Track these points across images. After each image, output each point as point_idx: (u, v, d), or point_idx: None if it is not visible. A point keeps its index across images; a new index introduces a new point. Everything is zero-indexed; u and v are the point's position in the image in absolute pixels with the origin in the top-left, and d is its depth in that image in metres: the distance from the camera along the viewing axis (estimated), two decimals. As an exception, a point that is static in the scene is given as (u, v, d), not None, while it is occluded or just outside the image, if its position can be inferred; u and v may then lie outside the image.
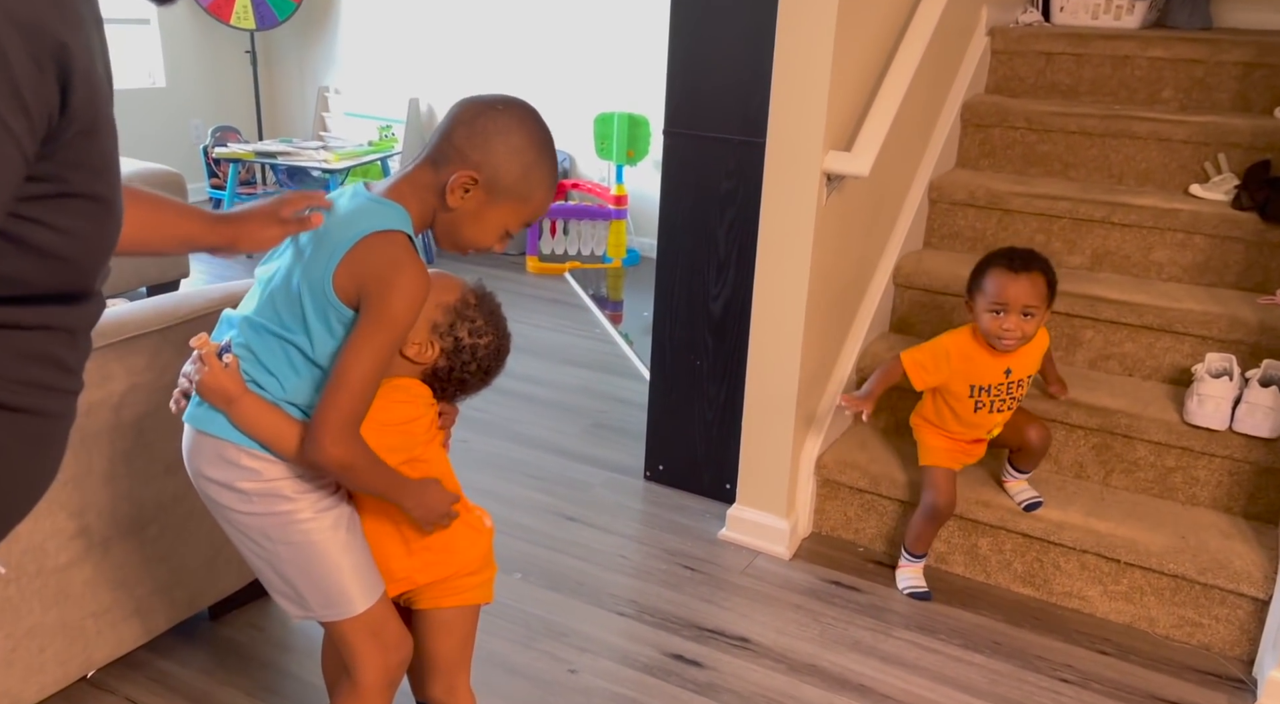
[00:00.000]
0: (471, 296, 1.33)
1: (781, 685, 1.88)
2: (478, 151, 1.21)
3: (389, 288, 1.15)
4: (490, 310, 1.36)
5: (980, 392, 2.07)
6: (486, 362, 1.36)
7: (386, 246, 1.17)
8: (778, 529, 2.31)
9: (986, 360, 2.06)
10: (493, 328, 1.36)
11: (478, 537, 1.41)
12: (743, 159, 2.29)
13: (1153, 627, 2.07)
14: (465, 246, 1.28)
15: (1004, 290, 1.98)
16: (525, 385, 3.25)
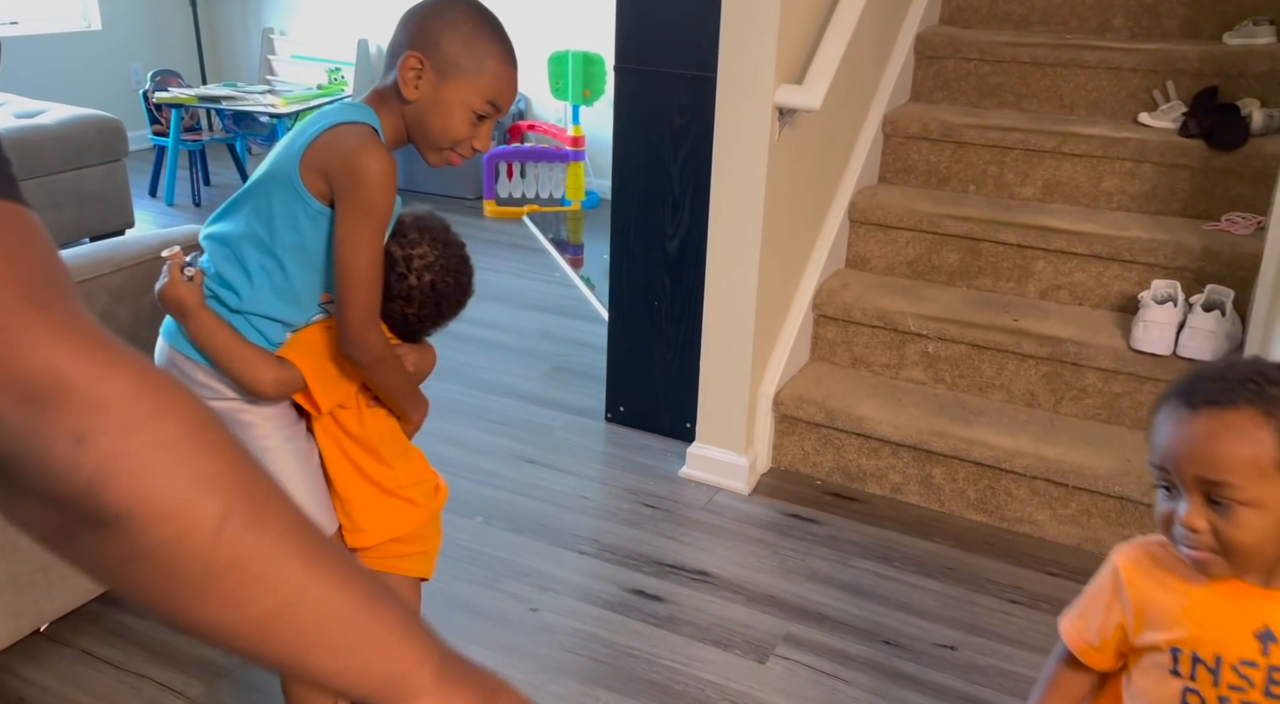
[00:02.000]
0: (405, 216, 1.32)
1: (740, 616, 1.92)
2: (417, 36, 1.21)
3: (358, 175, 1.16)
4: (425, 226, 1.34)
5: (1198, 667, 0.96)
6: (429, 277, 1.31)
7: (349, 136, 1.18)
8: (737, 465, 2.34)
9: (1214, 605, 0.95)
10: (429, 241, 1.33)
11: (416, 512, 1.37)
12: (695, 94, 2.26)
13: (1099, 547, 2.14)
14: (441, 143, 1.24)
15: (1172, 445, 0.92)
16: (485, 331, 3.24)
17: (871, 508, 2.30)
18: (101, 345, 0.42)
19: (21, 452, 0.40)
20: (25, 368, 0.40)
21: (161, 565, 0.42)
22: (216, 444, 0.44)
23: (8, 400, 0.40)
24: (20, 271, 0.41)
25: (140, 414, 0.42)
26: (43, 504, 0.41)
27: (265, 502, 0.45)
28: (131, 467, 0.41)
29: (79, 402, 0.40)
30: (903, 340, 2.42)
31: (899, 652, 1.83)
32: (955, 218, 2.49)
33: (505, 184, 4.68)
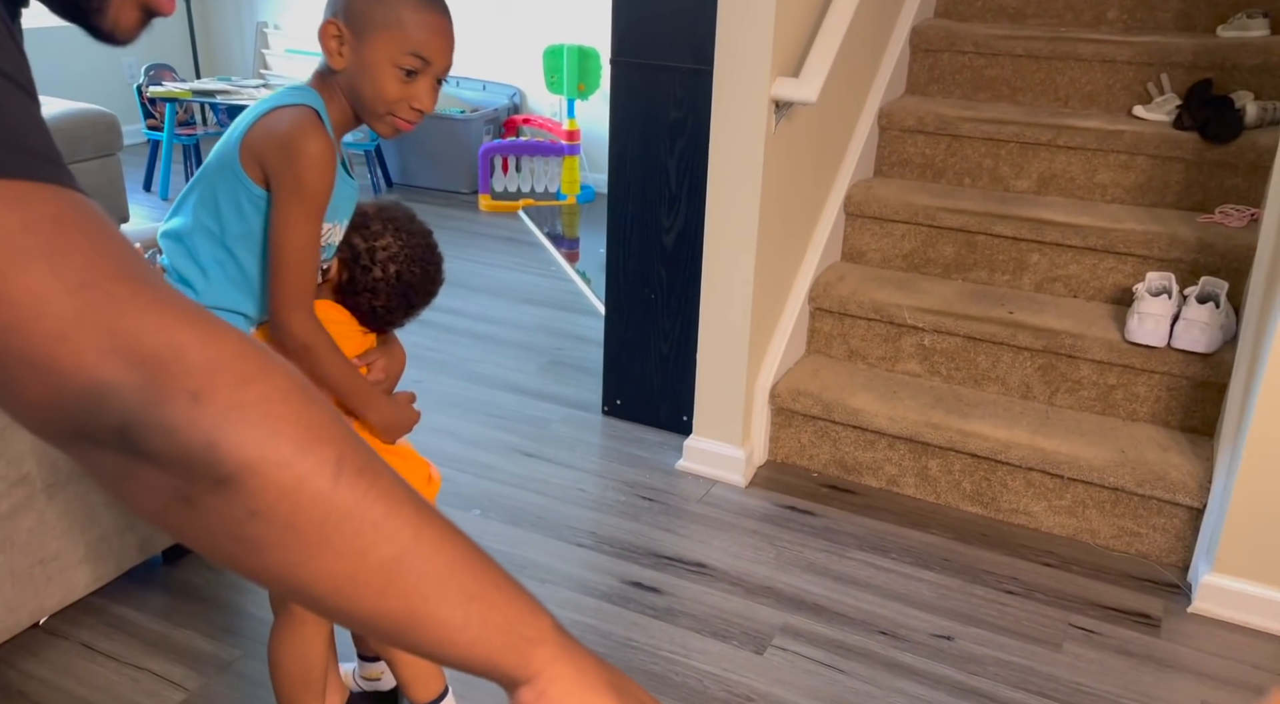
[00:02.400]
0: (368, 207, 1.32)
1: (738, 608, 1.93)
2: (331, 5, 1.19)
3: (290, 157, 1.14)
4: (389, 217, 1.34)
5: None
6: (394, 268, 1.32)
7: (284, 119, 1.16)
8: (733, 458, 2.35)
9: None
10: (392, 230, 1.33)
11: None
12: (691, 88, 2.26)
13: (1094, 538, 2.15)
14: (378, 108, 1.19)
15: None
16: (481, 325, 3.24)
17: (868, 500, 2.31)
18: (201, 312, 0.45)
19: (141, 415, 0.41)
20: (137, 333, 0.42)
21: (282, 517, 0.43)
22: (320, 400, 0.46)
23: (124, 364, 0.41)
24: (111, 250, 0.43)
25: (251, 370, 0.43)
26: (161, 469, 0.42)
27: (370, 455, 0.46)
28: (249, 417, 0.42)
29: (193, 361, 0.42)
30: (899, 333, 2.43)
31: (896, 642, 1.84)
32: (951, 211, 2.49)
33: (500, 178, 4.68)
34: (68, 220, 0.43)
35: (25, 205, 0.42)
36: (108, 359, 0.41)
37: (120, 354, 0.41)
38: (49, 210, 0.42)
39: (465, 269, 3.80)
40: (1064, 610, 1.94)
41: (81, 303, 0.41)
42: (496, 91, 4.99)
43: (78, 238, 0.43)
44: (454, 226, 4.36)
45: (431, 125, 4.78)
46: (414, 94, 1.18)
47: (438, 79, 1.20)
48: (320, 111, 1.18)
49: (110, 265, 0.43)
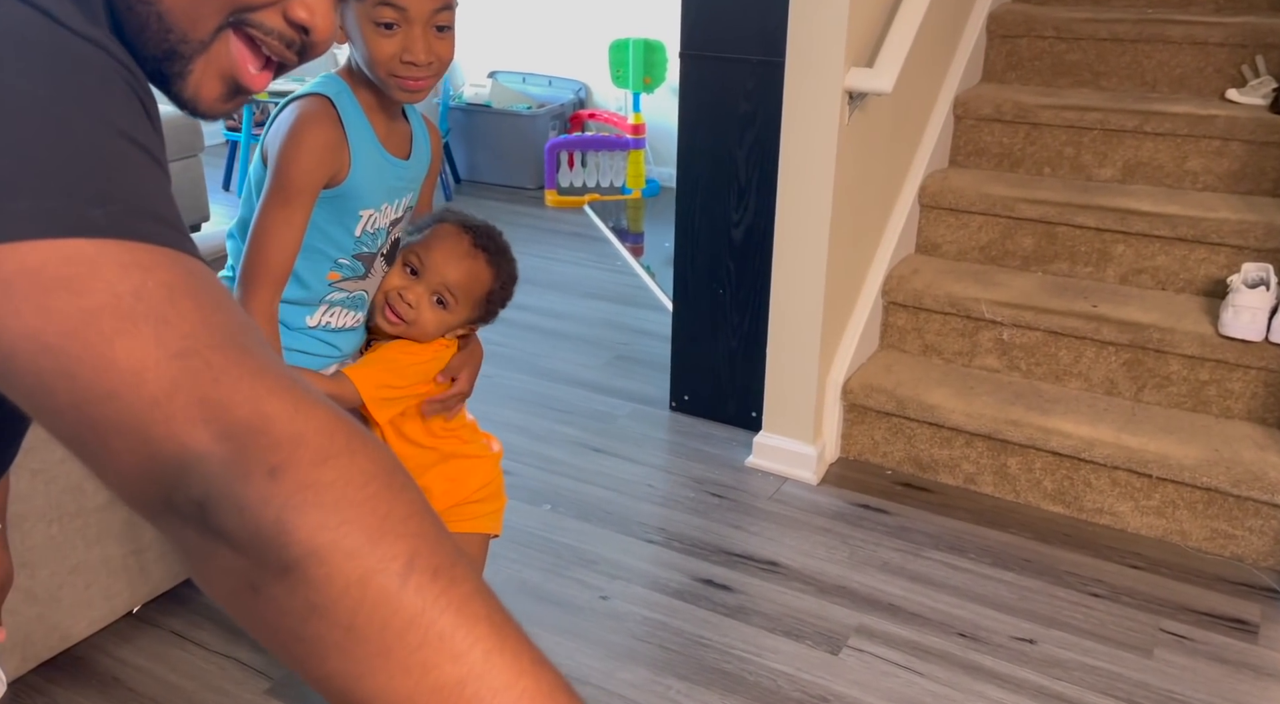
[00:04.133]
0: (498, 283, 1.34)
1: (811, 607, 1.90)
2: None
3: (279, 145, 1.14)
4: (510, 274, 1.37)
5: None
6: (506, 301, 1.40)
7: (290, 111, 1.16)
8: (804, 455, 2.31)
9: None
10: (512, 283, 1.39)
11: (481, 463, 1.42)
12: (761, 80, 2.23)
13: (1185, 540, 2.07)
14: (380, 74, 1.14)
15: None
16: (548, 319, 3.25)
17: (944, 498, 2.25)
18: (298, 386, 0.43)
19: (221, 488, 0.40)
20: (228, 403, 0.41)
21: (343, 616, 0.40)
22: (406, 489, 0.43)
23: (211, 434, 0.41)
24: (219, 319, 0.43)
25: (335, 448, 0.42)
26: (234, 549, 0.41)
27: (453, 557, 0.43)
28: (323, 498, 0.40)
29: (276, 434, 0.41)
30: (975, 327, 2.36)
31: (975, 645, 1.79)
32: (1030, 201, 2.42)
33: (566, 173, 4.69)
34: (180, 287, 0.43)
35: (142, 271, 0.42)
36: (197, 428, 0.41)
37: (210, 424, 0.41)
38: (164, 277, 0.43)
39: (531, 264, 3.82)
40: (1154, 615, 1.87)
41: (179, 370, 0.41)
42: (562, 87, 5.01)
43: (187, 305, 0.42)
44: (520, 222, 4.39)
45: (498, 121, 4.81)
46: (405, 48, 1.11)
47: (435, 27, 1.12)
48: (334, 99, 1.16)
49: (214, 334, 0.42)
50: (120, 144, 0.45)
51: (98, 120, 0.45)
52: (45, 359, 0.41)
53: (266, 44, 0.57)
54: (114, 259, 0.42)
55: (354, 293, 1.28)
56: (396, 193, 1.26)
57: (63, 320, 0.41)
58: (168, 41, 0.54)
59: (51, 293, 0.41)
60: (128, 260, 0.42)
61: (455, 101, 4.86)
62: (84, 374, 0.41)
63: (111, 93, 0.47)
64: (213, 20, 0.54)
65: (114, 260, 0.42)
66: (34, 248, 0.41)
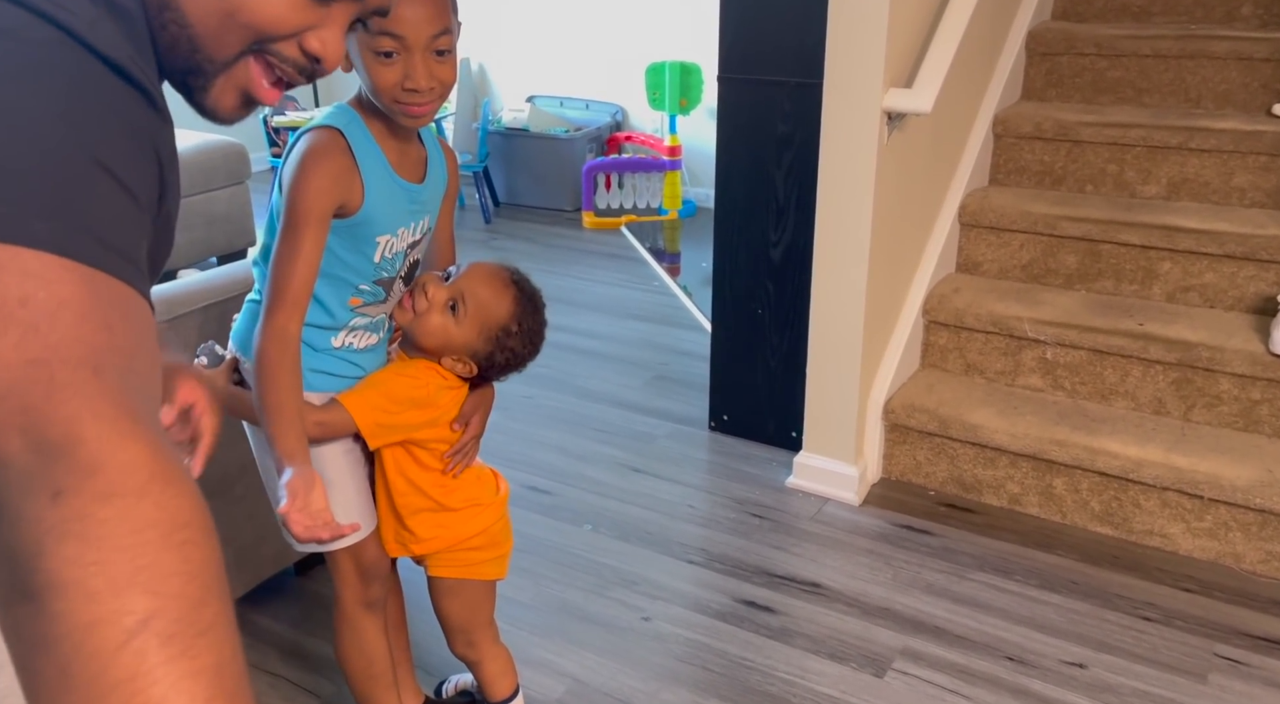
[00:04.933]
0: (515, 324, 1.30)
1: (854, 629, 1.88)
2: None
3: (289, 176, 1.16)
4: (530, 328, 1.32)
5: None
6: (519, 360, 1.34)
7: (300, 143, 1.18)
8: (846, 475, 2.30)
9: None
10: (530, 342, 1.33)
11: (477, 513, 1.38)
12: (799, 101, 2.24)
13: (1238, 563, 2.02)
14: (384, 101, 1.14)
15: None
16: (586, 340, 3.27)
17: (988, 519, 2.23)
18: (131, 418, 0.42)
19: (8, 497, 0.40)
20: (50, 418, 0.41)
21: (62, 658, 0.38)
22: (186, 546, 0.41)
23: (22, 444, 0.40)
24: (100, 340, 0.43)
25: (126, 487, 0.40)
26: (4, 557, 0.40)
27: (203, 631, 0.40)
28: (87, 532, 0.39)
29: (78, 459, 0.40)
30: (1018, 346, 2.34)
31: (1023, 669, 1.77)
32: (1073, 219, 2.40)
33: (604, 195, 4.73)
34: (73, 304, 0.43)
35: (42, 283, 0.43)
36: (11, 435, 0.40)
37: (24, 433, 0.40)
38: (62, 292, 0.43)
39: (570, 286, 3.85)
40: (1207, 639, 1.83)
41: (22, 376, 0.41)
42: (599, 110, 5.06)
43: (68, 321, 0.42)
44: (559, 244, 4.43)
45: (536, 145, 4.87)
46: (406, 75, 1.11)
47: (435, 52, 1.12)
48: (345, 130, 1.17)
49: (77, 351, 0.42)
50: (91, 169, 0.47)
51: (76, 143, 0.47)
52: None
53: (281, 69, 0.62)
54: (19, 266, 0.43)
55: (375, 318, 1.30)
56: (413, 215, 1.27)
57: None
58: (194, 60, 0.59)
59: None
60: (35, 269, 0.43)
61: (494, 126, 4.93)
62: None
63: (104, 121, 0.49)
64: (236, 46, 0.60)
65: (21, 268, 0.43)
66: None
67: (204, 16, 0.58)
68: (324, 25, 0.62)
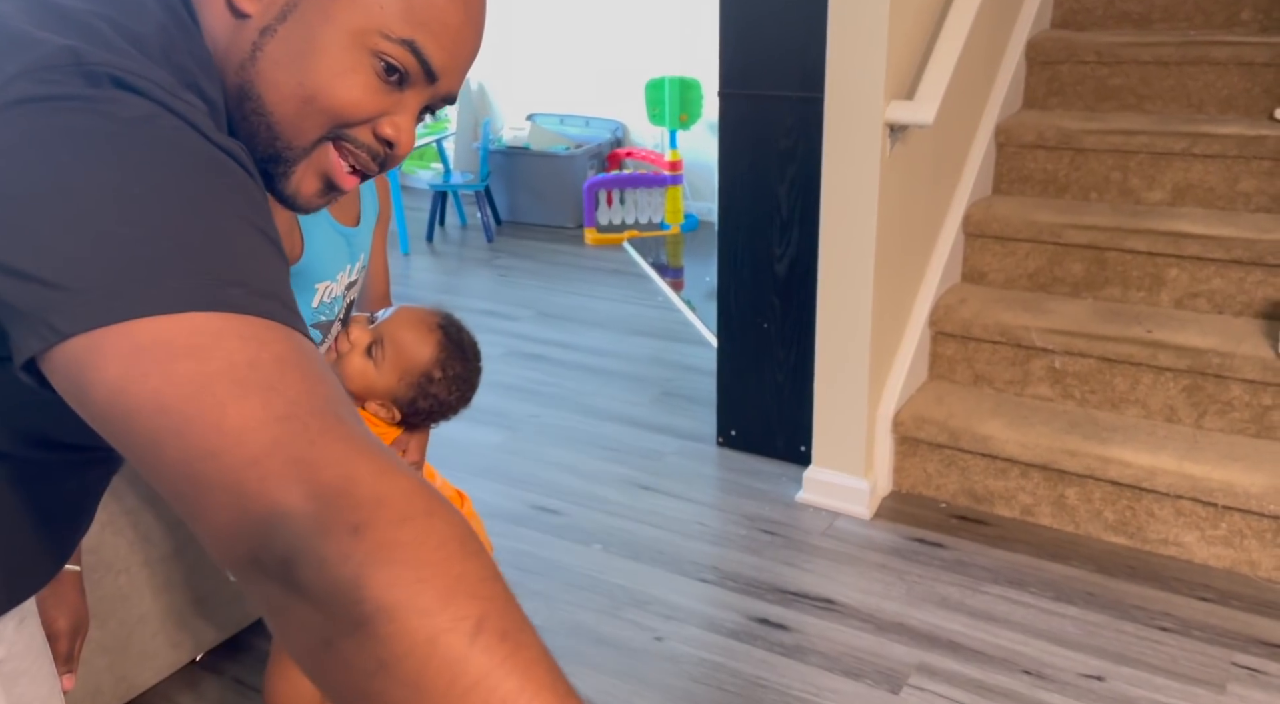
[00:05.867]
0: (438, 370, 1.27)
1: (870, 645, 1.87)
2: None
3: None
4: (457, 375, 1.29)
5: None
6: (445, 407, 1.31)
7: None
8: (856, 489, 2.28)
9: None
10: (456, 389, 1.29)
11: None
12: (801, 116, 2.24)
13: (1254, 571, 2.00)
14: None
15: None
16: (592, 357, 3.26)
17: (1001, 531, 2.21)
18: (383, 453, 0.46)
19: (305, 544, 0.42)
20: (320, 464, 0.44)
21: (409, 674, 0.41)
22: (479, 555, 0.45)
23: (301, 493, 0.43)
24: (321, 389, 0.47)
25: (414, 511, 0.44)
26: (312, 604, 0.42)
27: (520, 622, 0.44)
28: (399, 556, 0.42)
29: (361, 495, 0.43)
30: (1027, 356, 2.33)
31: (1041, 682, 1.75)
32: (1078, 227, 2.39)
33: (605, 211, 4.73)
34: (290, 361, 0.47)
35: (259, 344, 0.47)
36: (289, 487, 0.43)
37: (301, 483, 0.43)
38: (277, 350, 0.47)
39: (573, 303, 3.85)
40: (1225, 649, 1.81)
41: (280, 432, 0.44)
42: (599, 126, 5.07)
43: (294, 376, 0.46)
44: (561, 261, 4.43)
45: (537, 162, 4.88)
46: None
47: None
48: None
49: (315, 401, 0.46)
50: (254, 236, 0.51)
51: (236, 215, 0.51)
52: (162, 418, 0.45)
53: (356, 157, 0.65)
54: (236, 332, 0.46)
55: None
56: (350, 258, 1.26)
57: (184, 384, 0.45)
58: (274, 147, 0.62)
59: (178, 359, 0.45)
60: (248, 334, 0.47)
61: (495, 145, 4.94)
62: (194, 433, 0.44)
63: (248, 192, 0.53)
64: (314, 133, 0.62)
65: (236, 333, 0.46)
66: (172, 321, 0.46)
67: (282, 102, 0.61)
68: (397, 112, 0.64)
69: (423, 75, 0.63)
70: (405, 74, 0.62)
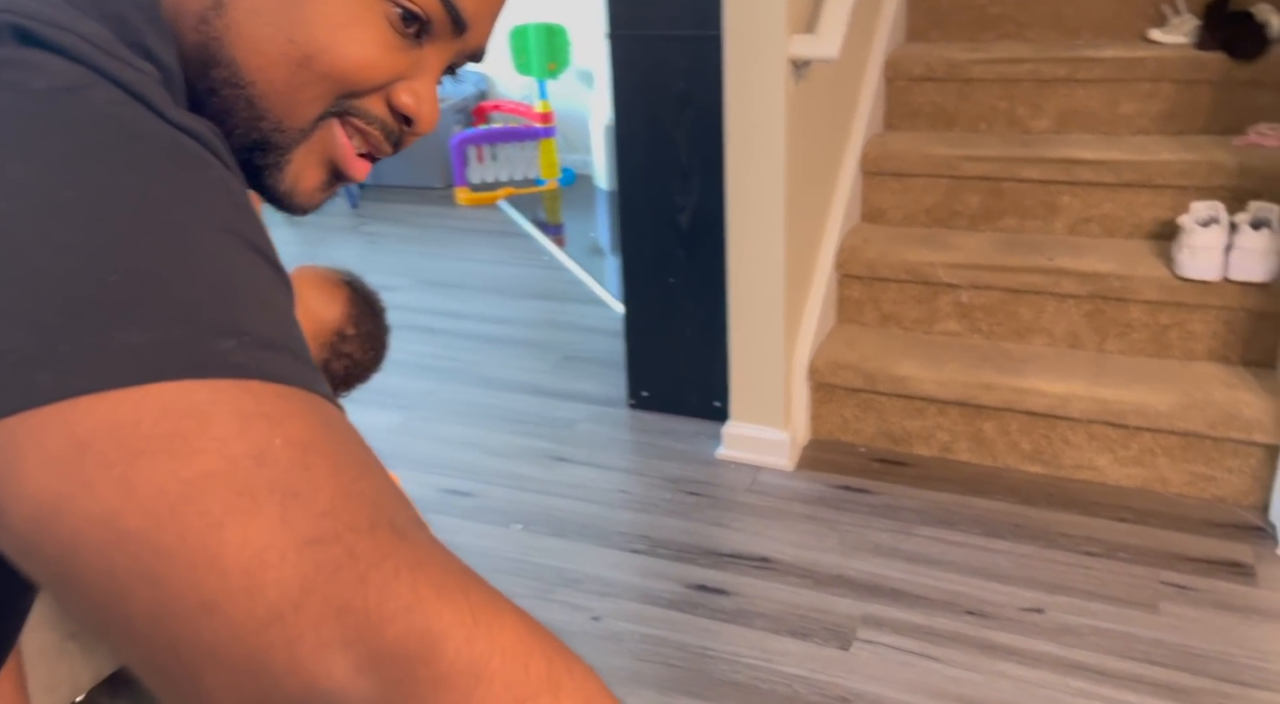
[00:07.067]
0: (350, 327, 1.19)
1: (812, 602, 1.82)
2: None
3: None
4: (369, 332, 1.22)
5: None
6: (360, 368, 1.24)
7: None
8: (777, 441, 2.23)
9: None
10: (369, 346, 1.23)
11: None
12: (697, 56, 2.12)
13: (1165, 487, 2.06)
14: None
15: None
16: (484, 325, 3.09)
17: (922, 470, 2.20)
18: (473, 583, 0.32)
19: None
20: (379, 614, 0.29)
21: None
22: None
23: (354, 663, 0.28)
24: (366, 487, 0.31)
25: (532, 685, 0.30)
26: None
27: None
28: None
29: (448, 664, 0.29)
30: (933, 292, 2.31)
31: (985, 621, 1.75)
32: (972, 159, 2.38)
33: (476, 169, 4.51)
34: (316, 445, 0.31)
35: (269, 424, 0.31)
36: (334, 654, 0.29)
37: (352, 647, 0.29)
38: (296, 431, 0.31)
39: (455, 268, 3.65)
40: (1151, 567, 1.86)
41: (312, 565, 0.29)
42: (462, 79, 4.81)
43: (322, 469, 0.31)
44: (433, 224, 4.20)
45: (398, 121, 4.60)
46: None
47: None
48: None
49: (359, 510, 0.30)
50: (245, 255, 0.35)
51: (217, 226, 0.34)
52: (121, 553, 0.29)
53: (368, 135, 0.48)
54: (232, 408, 0.30)
55: None
56: None
57: (153, 498, 0.29)
58: (259, 130, 0.45)
59: (142, 458, 0.29)
60: (251, 409, 0.31)
61: (350, 103, 4.62)
62: (175, 575, 0.28)
63: (228, 190, 0.36)
64: (315, 107, 0.46)
65: (232, 409, 0.30)
66: (130, 397, 0.29)
67: (267, 68, 0.44)
68: (415, 75, 0.48)
69: (449, 24, 0.47)
70: (427, 24, 0.46)
